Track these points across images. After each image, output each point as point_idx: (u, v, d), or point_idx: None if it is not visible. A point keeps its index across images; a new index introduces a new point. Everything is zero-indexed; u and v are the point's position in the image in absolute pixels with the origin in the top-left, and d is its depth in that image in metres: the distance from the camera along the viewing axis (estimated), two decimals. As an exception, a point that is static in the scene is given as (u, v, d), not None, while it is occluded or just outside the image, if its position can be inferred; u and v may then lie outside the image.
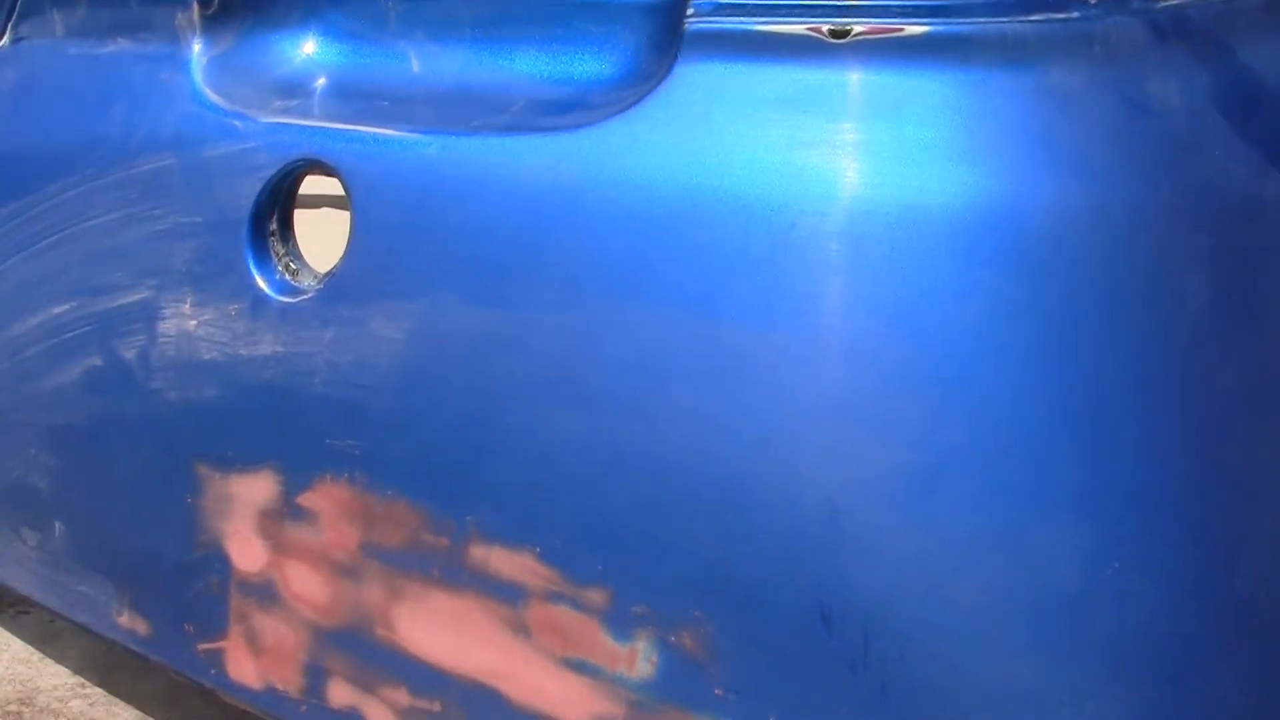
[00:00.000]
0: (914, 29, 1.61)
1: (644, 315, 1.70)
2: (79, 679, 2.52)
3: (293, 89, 2.13)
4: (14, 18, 2.51)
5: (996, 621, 1.59)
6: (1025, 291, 1.58)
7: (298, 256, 2.04)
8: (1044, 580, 1.58)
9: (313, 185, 2.13)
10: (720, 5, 1.68)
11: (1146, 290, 1.62)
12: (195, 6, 2.18)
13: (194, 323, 2.07)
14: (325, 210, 2.12)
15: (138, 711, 2.43)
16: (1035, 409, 1.58)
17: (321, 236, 2.15)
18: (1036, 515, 1.57)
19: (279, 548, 2.02)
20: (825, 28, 1.63)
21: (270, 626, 2.05)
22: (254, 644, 2.08)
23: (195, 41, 2.18)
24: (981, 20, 1.60)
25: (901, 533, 1.59)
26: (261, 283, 2.01)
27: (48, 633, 2.67)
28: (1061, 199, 1.59)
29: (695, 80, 1.70)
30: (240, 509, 2.05)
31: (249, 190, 2.02)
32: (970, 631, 1.59)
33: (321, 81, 2.14)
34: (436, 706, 1.90)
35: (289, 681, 2.05)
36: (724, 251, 1.66)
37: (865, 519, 1.60)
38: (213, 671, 2.14)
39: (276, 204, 2.03)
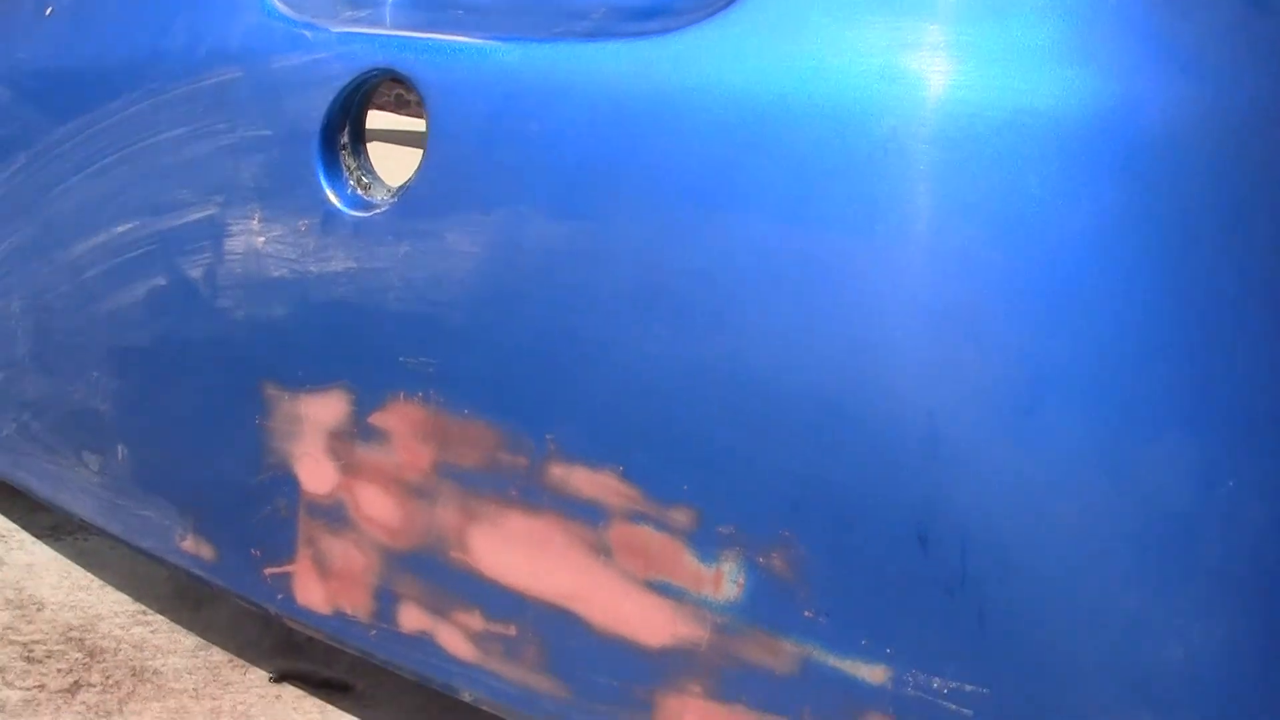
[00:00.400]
0: (1021, -75, 1.55)
1: (734, 226, 1.65)
2: (140, 606, 2.48)
3: (363, -2, 2.08)
4: (74, -69, 2.46)
5: (1101, 543, 1.53)
6: (1138, 199, 1.53)
7: (370, 170, 1.99)
8: (1152, 500, 1.52)
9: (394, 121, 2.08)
10: (816, -98, 1.63)
11: (1266, 196, 1.56)
12: (262, -84, 2.13)
13: (262, 239, 2.03)
14: (373, 144, 2.06)
15: (199, 639, 2.39)
16: (1145, 321, 1.52)
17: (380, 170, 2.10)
18: (1145, 432, 1.52)
19: (349, 469, 1.98)
20: (928, -76, 1.57)
21: (340, 550, 2.01)
22: (322, 568, 2.04)
23: (262, -49, 2.13)
24: (1092, -85, 1.54)
25: (1003, 450, 1.54)
26: (333, 197, 1.97)
27: (109, 559, 2.64)
28: (1177, 101, 1.53)
29: (789, -19, 1.65)
30: (310, 430, 2.01)
31: (320, 102, 1.97)
32: (1073, 554, 1.54)
33: (393, -11, 2.09)
34: (512, 630, 1.86)
35: (358, 606, 2.01)
36: (819, 160, 1.60)
37: (966, 436, 1.55)
38: (279, 597, 2.11)
39: (348, 116, 1.98)
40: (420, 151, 1.88)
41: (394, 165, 2.12)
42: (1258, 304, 1.54)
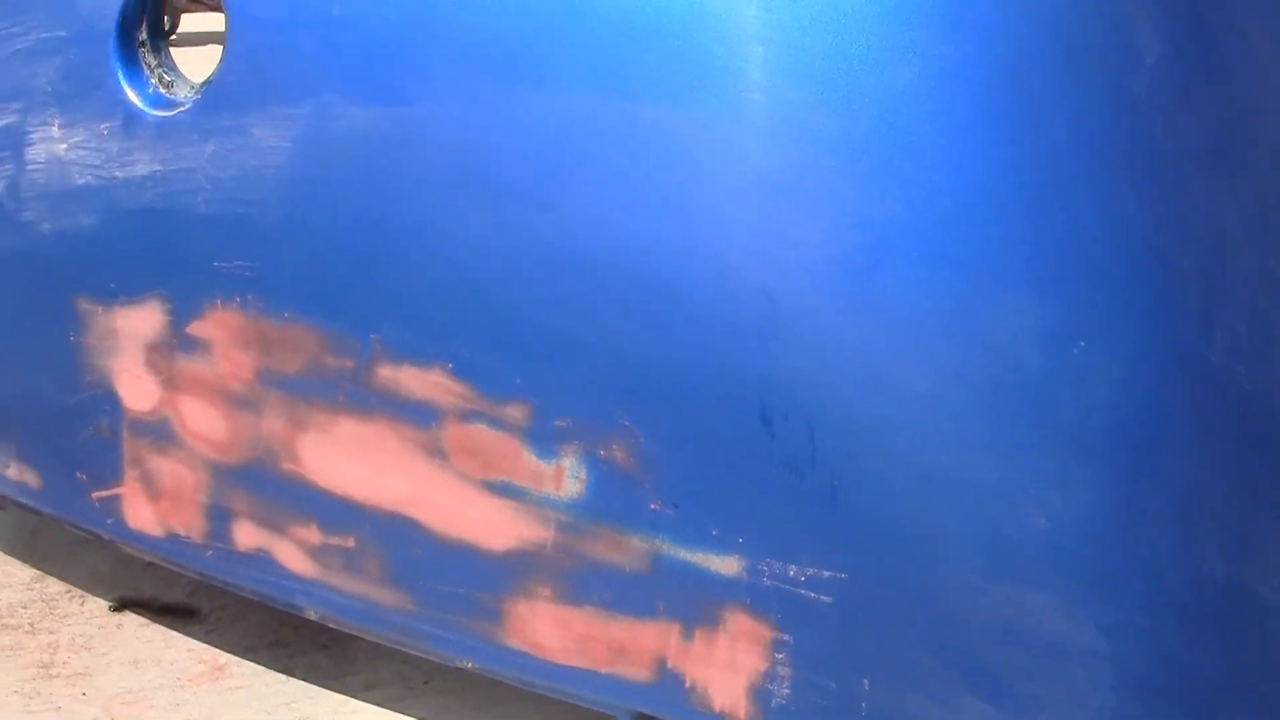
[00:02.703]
0: None
1: (550, 99, 1.56)
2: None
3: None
4: None
5: (952, 410, 1.47)
6: (969, 53, 1.45)
7: (171, 67, 1.88)
8: (1001, 363, 1.46)
9: (199, 22, 1.97)
10: None
11: (1104, 52, 1.49)
12: None
13: (64, 146, 1.91)
14: (212, 47, 1.94)
15: (35, 570, 2.29)
16: (984, 180, 1.45)
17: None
18: (988, 293, 1.45)
19: (171, 383, 1.88)
20: None
21: (167, 468, 1.92)
22: (151, 488, 1.94)
23: None
24: None
25: (844, 318, 1.47)
26: (134, 97, 1.86)
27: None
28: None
29: None
30: (127, 344, 1.91)
31: (114, -2, 1.86)
32: (924, 424, 1.47)
33: (185, -127, 1.97)
34: (350, 542, 1.78)
35: (191, 526, 1.92)
36: (632, 24, 1.52)
37: (804, 307, 1.47)
38: (110, 521, 2.01)
39: (144, 10, 1.87)
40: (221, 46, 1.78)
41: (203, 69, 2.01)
42: (1098, 157, 1.47)
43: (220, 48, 1.81)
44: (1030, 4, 1.48)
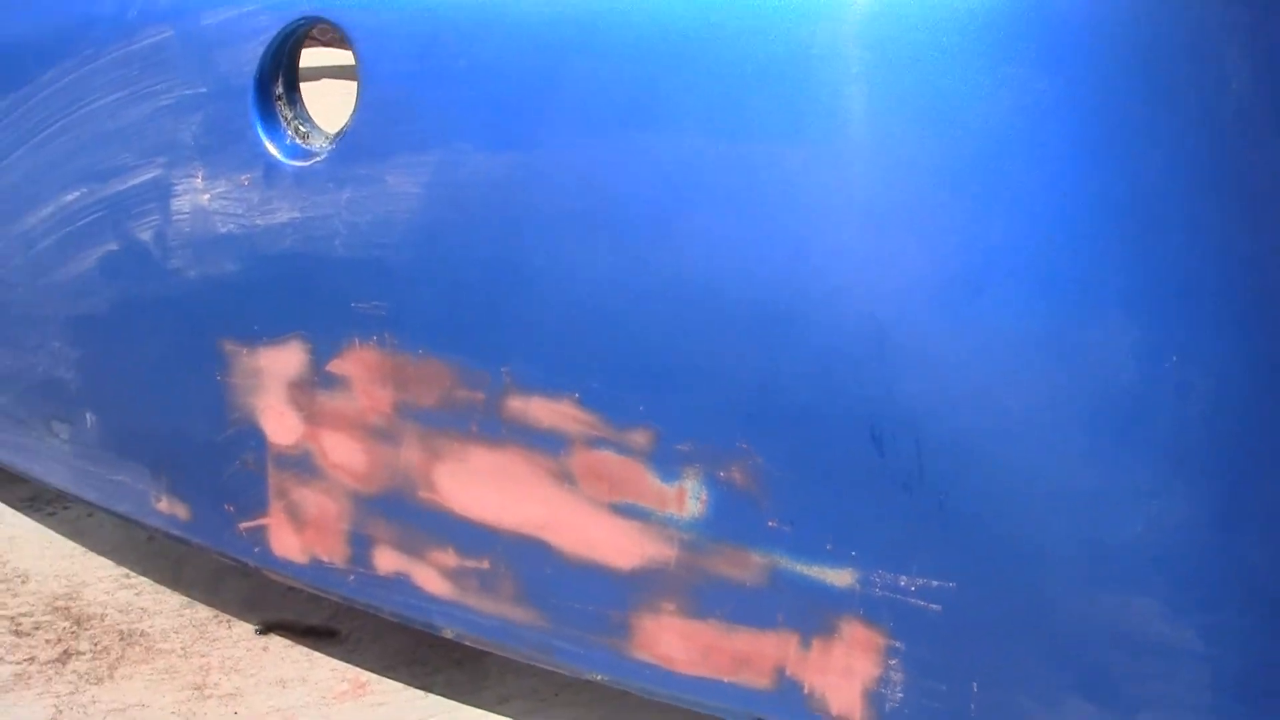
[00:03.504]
0: None
1: (665, 142, 1.66)
2: (122, 570, 2.50)
3: (286, -52, 2.07)
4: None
5: (1054, 425, 1.55)
6: (1061, 86, 1.53)
7: (307, 119, 1.99)
8: (1099, 380, 1.54)
9: (310, 58, 2.08)
10: None
11: (1191, 81, 1.57)
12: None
13: (207, 197, 2.03)
14: (325, 82, 2.06)
15: (184, 597, 2.41)
16: (1080, 206, 1.54)
17: (326, 107, 2.10)
18: (1087, 314, 1.53)
19: (313, 418, 1.99)
20: None
21: (310, 499, 2.02)
22: (295, 518, 2.05)
23: (182, -90, 2.13)
24: None
25: (949, 341, 1.55)
26: (272, 148, 1.97)
27: (87, 526, 2.65)
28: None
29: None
30: (270, 382, 2.02)
31: (251, 55, 1.98)
32: (1027, 439, 1.56)
33: (314, -62, 2.08)
34: (485, 564, 1.88)
35: (334, 553, 2.03)
36: (746, 70, 1.61)
37: (911, 330, 1.56)
38: (256, 550, 2.12)
39: (280, 67, 1.98)
40: (354, 94, 1.89)
41: (324, 102, 2.12)
42: (1190, 182, 1.55)
43: (335, 81, 1.90)
44: (1121, 38, 1.56)
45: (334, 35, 1.95)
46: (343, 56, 1.92)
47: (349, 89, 1.94)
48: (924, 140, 1.55)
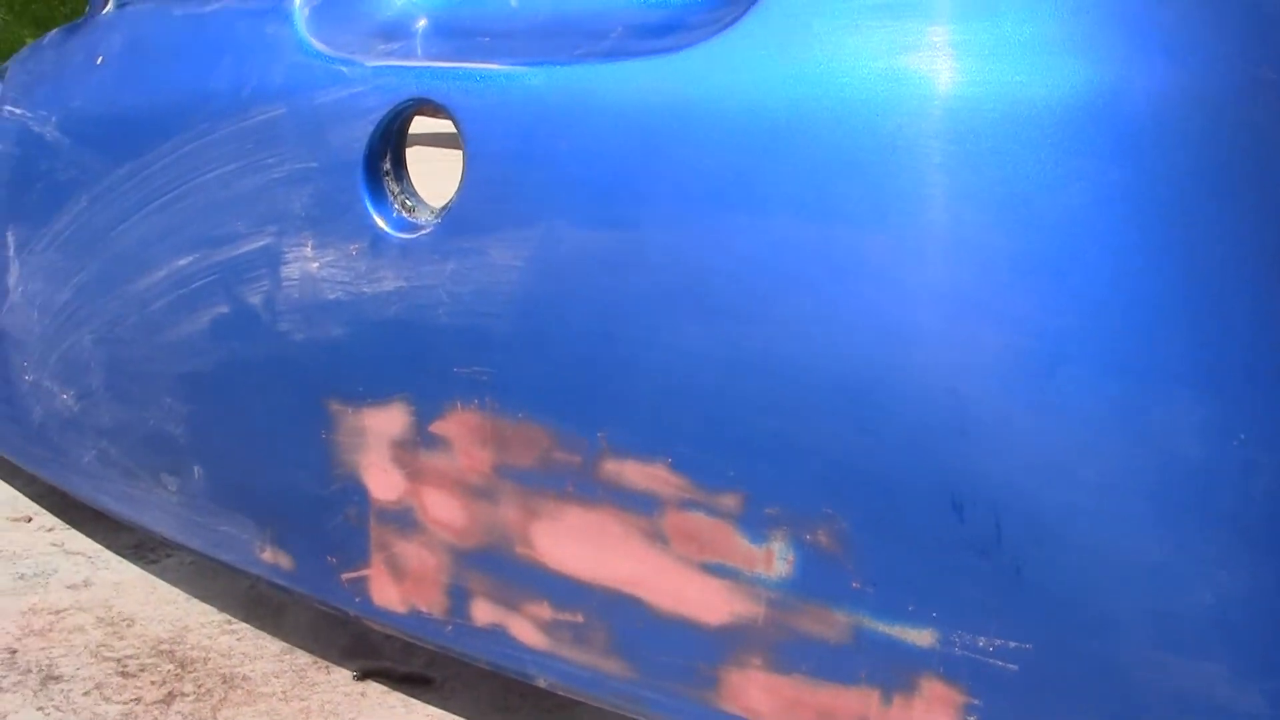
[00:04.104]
0: (1006, -72, 1.65)
1: (757, 227, 1.75)
2: (225, 615, 2.60)
3: (394, 32, 2.19)
4: (115, -18, 2.57)
5: (1124, 499, 1.63)
6: (1134, 177, 1.62)
7: (413, 194, 2.09)
8: (1168, 456, 1.62)
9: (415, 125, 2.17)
10: (813, -82, 1.72)
11: (1254, 171, 1.65)
12: (292, -42, 2.23)
13: (316, 265, 2.13)
14: (417, 149, 2.16)
15: (283, 643, 2.51)
16: (1148, 290, 1.62)
17: (418, 173, 2.20)
18: (1155, 393, 1.61)
19: (415, 476, 2.09)
20: (918, -68, 1.67)
21: (411, 552, 2.12)
22: (396, 570, 2.15)
23: (295, -8, 2.24)
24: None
25: (1025, 418, 1.64)
26: (380, 221, 2.07)
27: (192, 573, 2.76)
28: (1163, 84, 1.62)
29: (792, -6, 1.75)
30: (374, 441, 2.12)
31: (360, 133, 2.08)
32: (1099, 510, 1.64)
33: (422, 23, 2.19)
34: (579, 618, 1.97)
35: (433, 604, 2.12)
36: (832, 160, 1.70)
37: (989, 406, 1.65)
38: (357, 600, 2.22)
39: (388, 145, 2.09)
40: (459, 170, 1.98)
41: (426, 168, 2.21)
42: (1252, 264, 1.63)
43: (447, 151, 1.99)
44: (1186, 132, 1.64)
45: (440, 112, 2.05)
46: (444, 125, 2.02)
47: (449, 155, 2.03)
48: (1002, 227, 1.63)
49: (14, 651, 2.48)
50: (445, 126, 2.05)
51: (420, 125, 2.19)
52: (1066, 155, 1.62)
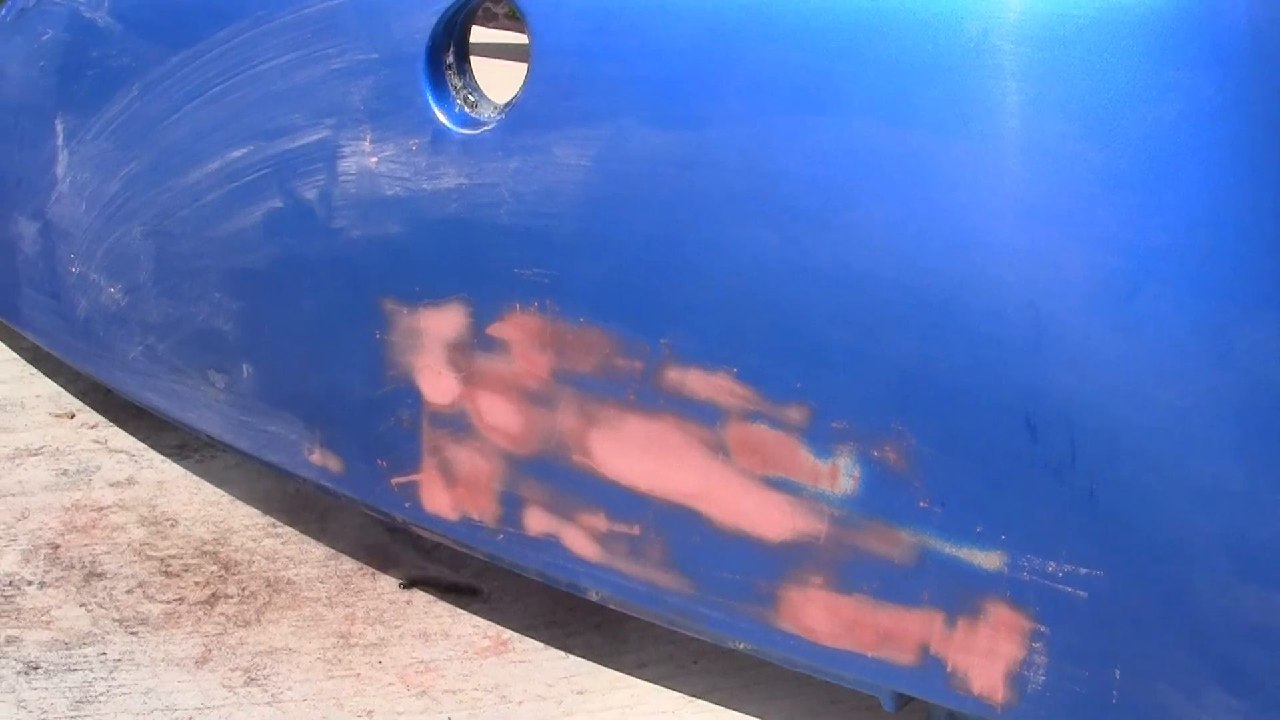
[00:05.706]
0: None
1: (833, 130, 1.69)
2: (269, 519, 2.56)
3: (462, -80, 2.12)
4: None
5: (1205, 423, 1.58)
6: (1227, 88, 1.55)
7: (476, 89, 2.04)
8: (1252, 380, 1.56)
9: (478, 35, 2.11)
10: None
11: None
12: None
13: (374, 160, 2.08)
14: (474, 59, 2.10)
15: (328, 549, 2.47)
16: (1239, 209, 1.56)
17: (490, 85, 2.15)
18: (1242, 315, 1.55)
19: (470, 380, 2.04)
20: None
21: (464, 458, 2.08)
22: (448, 476, 2.10)
23: (359, -123, 2.18)
24: None
25: (1106, 337, 1.58)
26: (441, 116, 2.02)
27: (234, 475, 2.72)
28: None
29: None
30: (429, 343, 2.07)
31: (424, 25, 2.02)
32: (1178, 434, 1.58)
33: (491, -89, 2.13)
34: (635, 529, 1.92)
35: (484, 511, 2.08)
36: (915, 61, 1.64)
37: (1069, 324, 1.59)
38: (407, 505, 2.18)
39: (452, 37, 2.03)
40: (524, 67, 1.93)
41: (488, 80, 2.16)
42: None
43: (505, 63, 1.94)
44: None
45: (503, 15, 1.99)
46: (508, 36, 1.96)
47: (512, 69, 1.97)
48: (1087, 139, 1.57)
49: (56, 547, 2.45)
50: (503, 36, 1.99)
51: (478, 35, 2.12)
52: (1160, 66, 1.56)
